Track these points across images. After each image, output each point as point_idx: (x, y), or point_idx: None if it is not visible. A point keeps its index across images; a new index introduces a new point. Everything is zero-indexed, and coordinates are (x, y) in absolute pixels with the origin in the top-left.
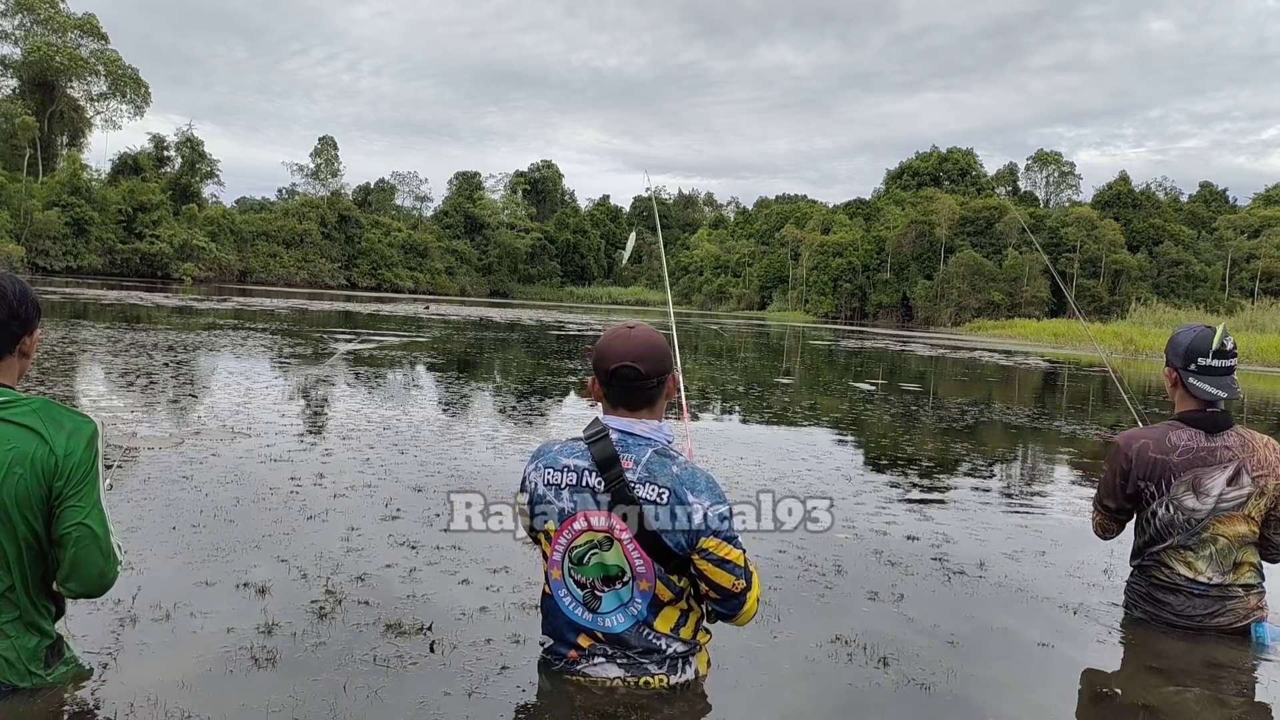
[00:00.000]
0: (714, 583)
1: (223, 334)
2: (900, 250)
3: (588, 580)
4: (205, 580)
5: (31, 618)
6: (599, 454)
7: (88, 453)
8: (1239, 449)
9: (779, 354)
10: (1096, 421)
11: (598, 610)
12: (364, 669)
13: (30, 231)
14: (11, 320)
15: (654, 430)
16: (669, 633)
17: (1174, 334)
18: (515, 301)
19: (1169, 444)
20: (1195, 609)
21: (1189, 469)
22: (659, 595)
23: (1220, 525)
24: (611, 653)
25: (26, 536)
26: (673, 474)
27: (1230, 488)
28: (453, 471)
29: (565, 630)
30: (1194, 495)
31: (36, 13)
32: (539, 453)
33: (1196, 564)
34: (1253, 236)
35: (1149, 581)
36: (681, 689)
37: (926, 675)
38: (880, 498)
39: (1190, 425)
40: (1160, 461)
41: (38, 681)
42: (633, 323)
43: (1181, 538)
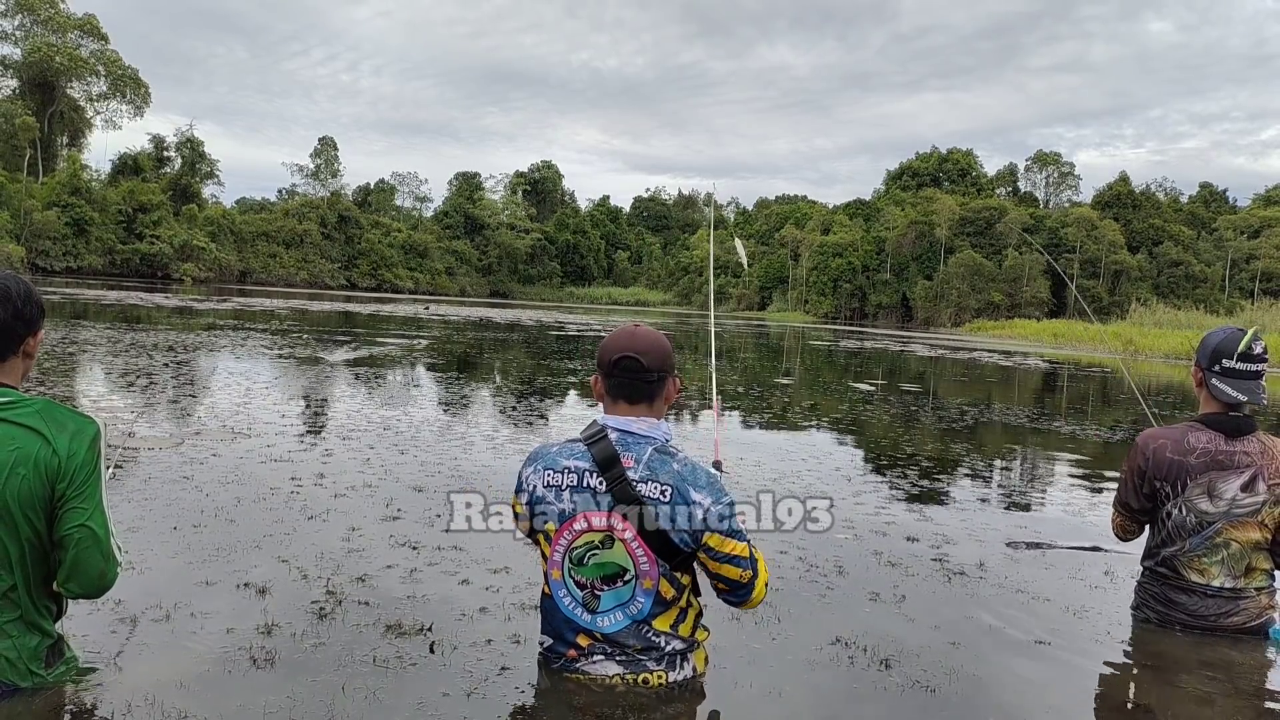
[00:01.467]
0: (722, 576)
1: (223, 334)
2: (900, 250)
3: (587, 580)
4: (206, 580)
5: (33, 618)
6: (599, 454)
7: (90, 454)
8: (1258, 455)
9: (779, 354)
10: (1096, 422)
11: (596, 610)
12: (363, 670)
13: (30, 232)
14: (16, 321)
15: (653, 428)
16: (668, 630)
17: (1207, 333)
18: (515, 302)
19: (1187, 445)
20: (1208, 609)
21: (1205, 472)
22: (662, 593)
23: (1233, 530)
24: (610, 651)
25: (29, 537)
26: (674, 471)
27: (1245, 494)
28: (453, 472)
29: (564, 630)
30: (1208, 498)
31: (37, 13)
32: (536, 455)
33: (1209, 569)
34: (1253, 237)
35: (1161, 583)
36: (680, 686)
37: (929, 677)
38: (880, 498)
39: (1210, 428)
40: (1177, 463)
41: (38, 681)
42: (638, 324)
43: (1194, 541)
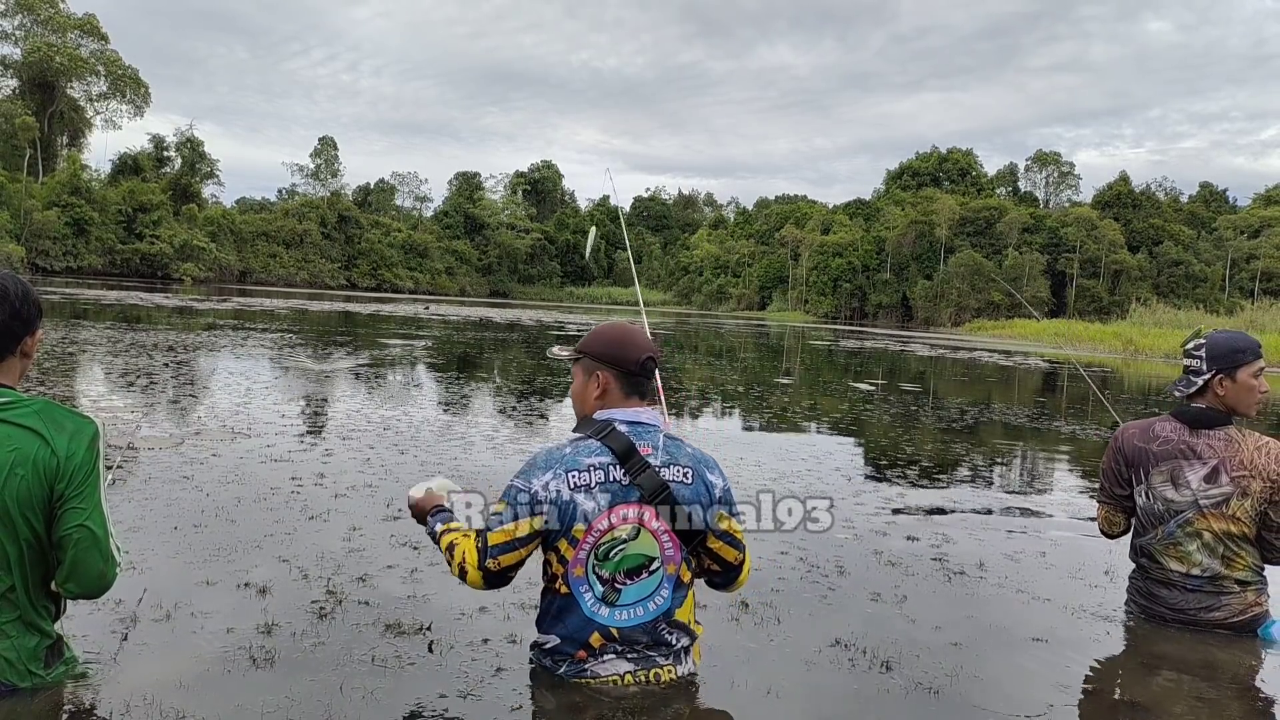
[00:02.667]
0: (719, 556)
1: (223, 334)
2: (900, 250)
3: (610, 575)
4: (206, 580)
5: (31, 618)
6: (617, 446)
7: (89, 454)
8: (1222, 448)
9: (779, 354)
10: (1096, 421)
11: (616, 603)
12: (361, 669)
13: (30, 232)
14: (14, 321)
15: (655, 417)
16: (684, 622)
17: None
18: (515, 302)
19: (1152, 434)
20: (1189, 603)
21: (1166, 460)
22: (681, 577)
23: (1203, 520)
24: (621, 649)
25: (28, 537)
26: (690, 454)
27: (1208, 484)
28: (453, 472)
29: (580, 629)
30: (1173, 487)
31: (36, 13)
32: (547, 463)
33: (1189, 557)
34: (1253, 237)
35: (1145, 576)
36: (686, 681)
37: (931, 678)
38: (880, 498)
39: (1175, 419)
40: (1142, 449)
41: (38, 681)
42: (630, 321)
43: (1167, 528)
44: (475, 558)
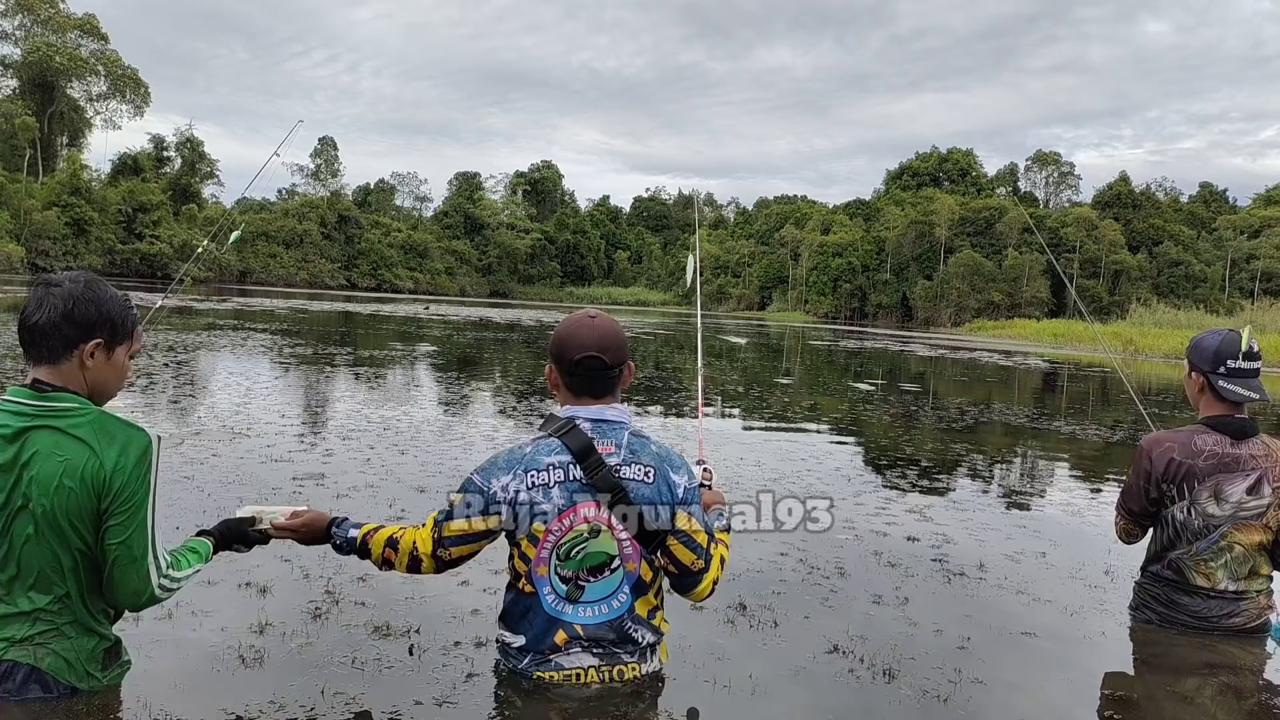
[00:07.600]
0: (677, 559)
1: (222, 334)
2: (900, 250)
3: (572, 573)
4: (208, 580)
5: (88, 622)
6: (575, 444)
7: (139, 467)
8: (1263, 458)
9: (779, 354)
10: (1096, 422)
11: (579, 600)
12: (341, 672)
13: (30, 232)
14: (64, 322)
15: (621, 414)
16: (646, 618)
17: (1196, 338)
18: (515, 302)
19: (1194, 448)
20: (1211, 611)
21: (1213, 474)
22: (642, 576)
23: (1238, 533)
24: (587, 644)
25: (80, 547)
26: (654, 453)
27: (1250, 496)
28: (454, 472)
29: (544, 627)
30: (1215, 501)
31: (36, 13)
32: (510, 462)
33: (1215, 574)
34: (1252, 237)
35: (1164, 584)
36: (651, 678)
37: (933, 680)
38: (880, 498)
39: (1216, 430)
40: (1185, 466)
41: (94, 684)
42: (593, 311)
43: (1200, 545)
44: (429, 546)
